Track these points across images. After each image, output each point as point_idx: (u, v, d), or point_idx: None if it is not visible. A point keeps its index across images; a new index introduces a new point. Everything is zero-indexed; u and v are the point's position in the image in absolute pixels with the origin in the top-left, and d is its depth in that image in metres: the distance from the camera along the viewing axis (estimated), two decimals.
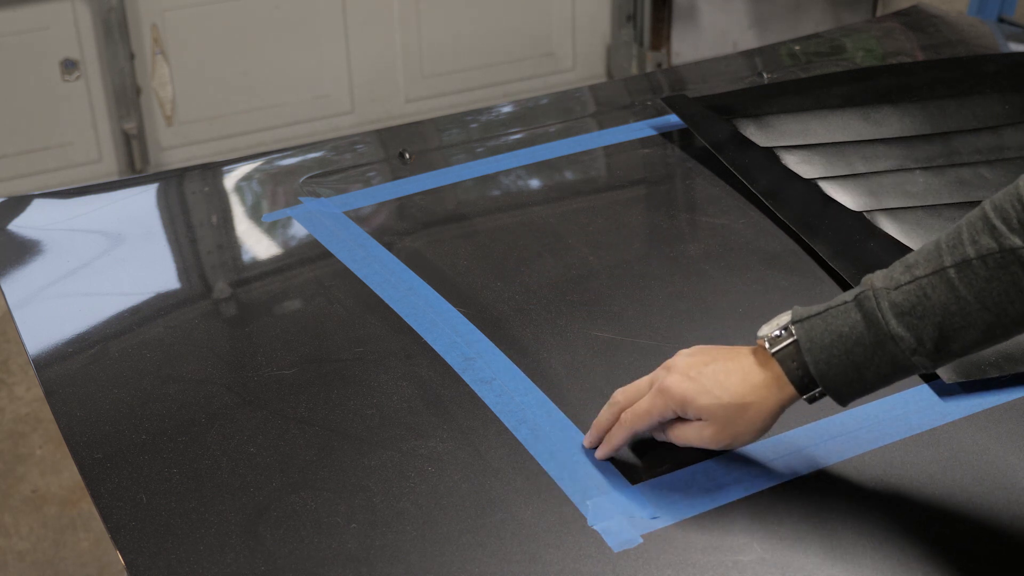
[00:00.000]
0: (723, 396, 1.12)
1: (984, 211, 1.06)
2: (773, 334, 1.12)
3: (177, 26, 3.81)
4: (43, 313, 1.51)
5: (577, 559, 1.08)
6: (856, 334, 1.08)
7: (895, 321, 1.07)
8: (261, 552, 1.10)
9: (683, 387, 1.13)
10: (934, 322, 1.06)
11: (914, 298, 1.06)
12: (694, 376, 1.13)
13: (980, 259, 1.04)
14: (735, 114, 1.79)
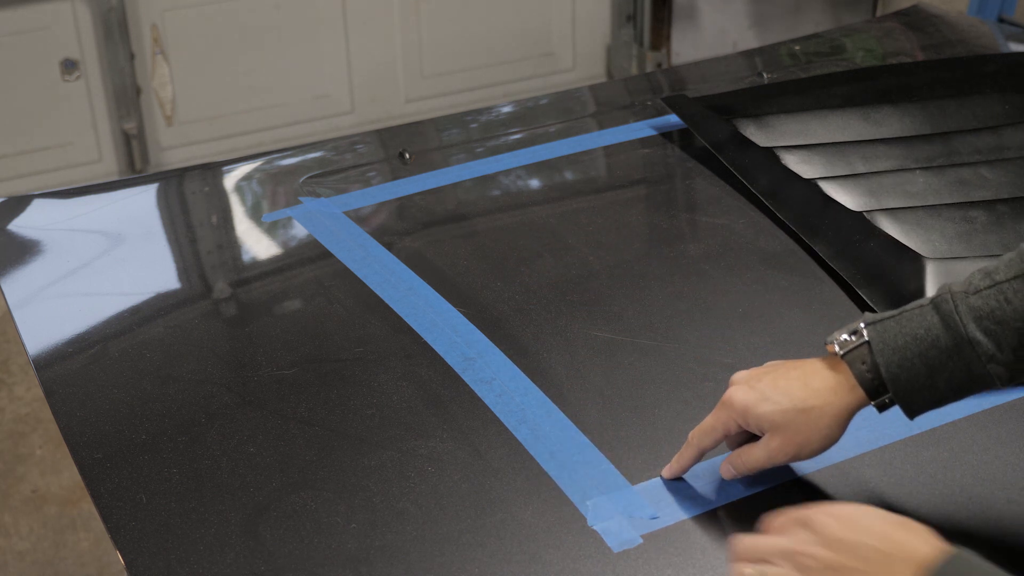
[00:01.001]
0: (783, 401, 1.07)
1: None
2: (842, 337, 1.08)
3: (177, 26, 3.80)
4: (43, 313, 1.51)
5: (577, 559, 1.08)
6: (931, 337, 1.04)
7: (973, 325, 1.03)
8: (261, 552, 1.10)
9: (743, 396, 1.09)
10: (1014, 328, 1.02)
11: (993, 303, 1.03)
12: (754, 385, 1.10)
13: None
14: (735, 114, 1.79)
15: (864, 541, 0.90)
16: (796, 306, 1.42)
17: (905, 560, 0.88)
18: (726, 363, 1.32)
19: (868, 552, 0.90)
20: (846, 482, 1.15)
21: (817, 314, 1.41)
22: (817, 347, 1.35)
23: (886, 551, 0.89)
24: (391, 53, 4.13)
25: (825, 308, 1.42)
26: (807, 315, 1.41)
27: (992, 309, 1.03)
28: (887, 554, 0.89)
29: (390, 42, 4.11)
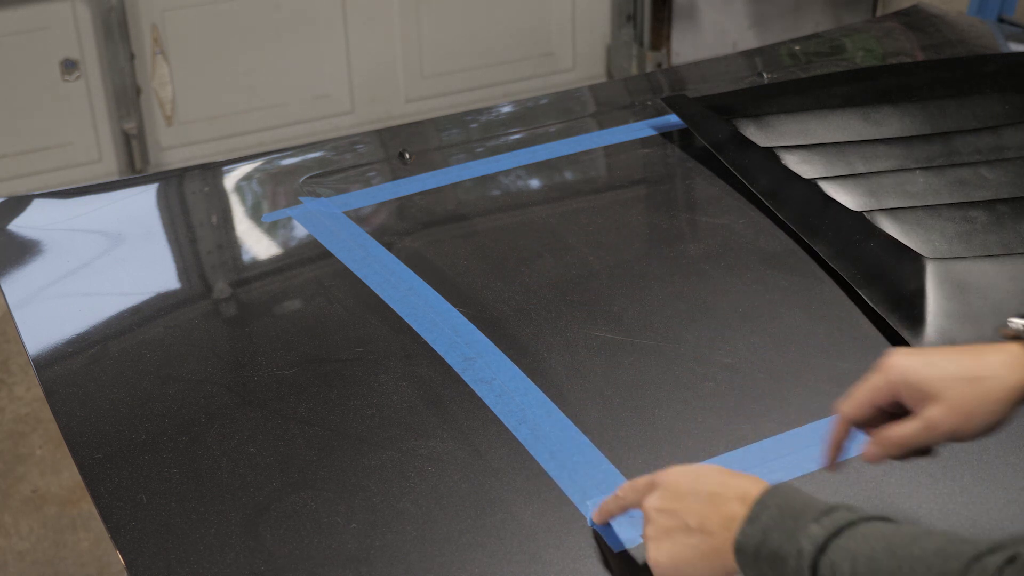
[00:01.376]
0: (949, 367, 0.96)
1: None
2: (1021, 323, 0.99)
3: (177, 26, 3.80)
4: (43, 313, 1.51)
5: (577, 559, 1.08)
6: None
7: None
8: (261, 552, 1.10)
9: (903, 359, 0.98)
10: None
11: None
12: (918, 351, 0.99)
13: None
14: (735, 114, 1.79)
15: (701, 488, 1.00)
16: (796, 306, 1.42)
17: (737, 498, 0.98)
18: (726, 363, 1.32)
19: (705, 495, 1.00)
20: (846, 482, 1.15)
21: (817, 314, 1.41)
22: (817, 347, 1.35)
23: (721, 492, 0.99)
24: (391, 53, 4.13)
25: (825, 308, 1.42)
26: (807, 315, 1.41)
27: None
28: (721, 495, 0.99)
29: (390, 42, 4.11)
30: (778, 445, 1.20)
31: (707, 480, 1.01)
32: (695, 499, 1.00)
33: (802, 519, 0.93)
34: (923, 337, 1.32)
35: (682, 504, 1.00)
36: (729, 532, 0.96)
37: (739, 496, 0.98)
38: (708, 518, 0.98)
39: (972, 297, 1.36)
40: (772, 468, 1.17)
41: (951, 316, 1.34)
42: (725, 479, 1.00)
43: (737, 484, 0.99)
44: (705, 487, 1.00)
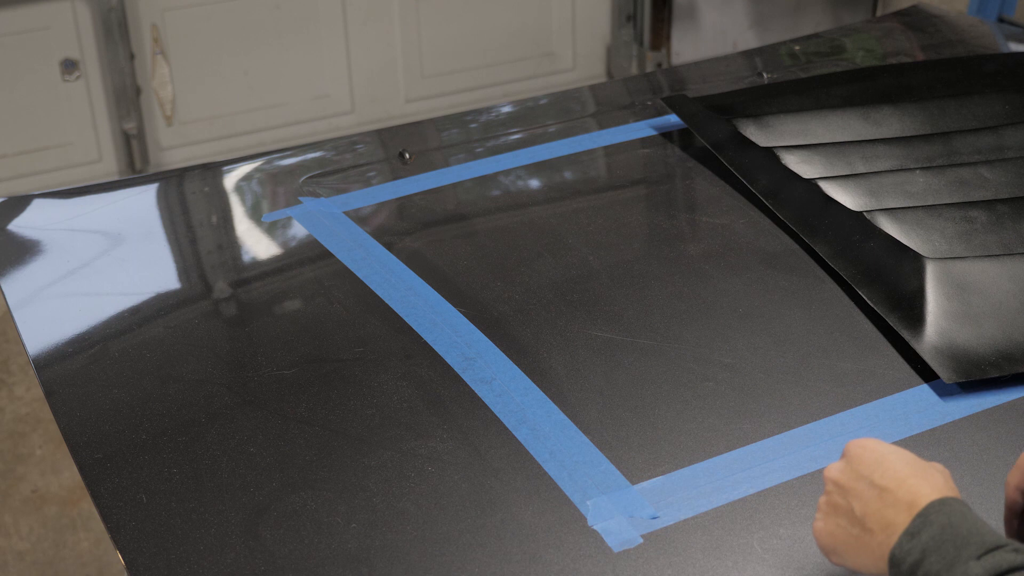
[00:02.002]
0: None
1: None
2: None
3: (177, 26, 3.80)
4: (43, 313, 1.51)
5: (577, 559, 1.08)
6: None
7: None
8: (261, 552, 1.10)
9: None
10: None
11: None
12: None
13: None
14: (735, 114, 1.79)
15: (878, 479, 0.98)
16: (796, 306, 1.42)
17: (905, 503, 0.95)
18: (726, 363, 1.32)
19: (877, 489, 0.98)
20: None
21: (817, 314, 1.41)
22: (817, 347, 1.35)
23: (892, 490, 0.97)
24: (391, 53, 4.13)
25: (825, 308, 1.42)
26: (807, 315, 1.41)
27: None
28: (891, 493, 0.97)
29: (390, 42, 4.11)
30: (778, 445, 1.20)
31: (886, 470, 0.98)
32: (868, 487, 0.98)
33: (964, 550, 0.91)
34: (923, 337, 1.32)
35: (856, 486, 0.99)
36: (888, 537, 0.95)
37: (908, 501, 0.95)
38: (872, 514, 0.97)
39: (972, 297, 1.36)
40: (772, 468, 1.17)
41: (951, 316, 1.34)
42: (903, 475, 0.97)
43: (912, 485, 0.96)
44: (881, 478, 0.98)
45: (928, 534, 0.93)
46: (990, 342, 1.31)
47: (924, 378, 1.29)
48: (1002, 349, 1.30)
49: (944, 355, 1.30)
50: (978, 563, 0.89)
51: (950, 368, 1.28)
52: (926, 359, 1.29)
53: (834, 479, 1.01)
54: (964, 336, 1.32)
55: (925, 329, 1.33)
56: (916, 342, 1.32)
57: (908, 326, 1.34)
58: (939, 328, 1.33)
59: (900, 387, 1.28)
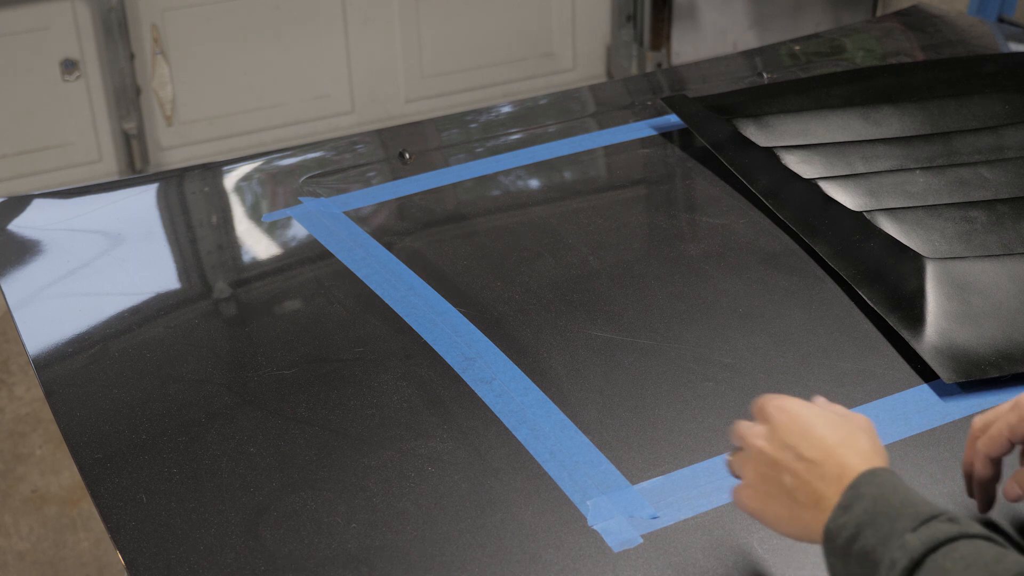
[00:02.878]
0: None
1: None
2: None
3: (177, 26, 3.80)
4: (43, 313, 1.51)
5: (577, 559, 1.08)
6: None
7: None
8: (261, 552, 1.10)
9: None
10: None
11: None
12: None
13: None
14: (735, 114, 1.79)
15: (806, 451, 0.97)
16: (796, 306, 1.42)
17: (835, 476, 0.95)
18: (726, 363, 1.32)
19: (805, 462, 0.97)
20: None
21: (817, 314, 1.41)
22: (817, 347, 1.35)
23: (820, 463, 0.96)
24: (391, 53, 4.13)
25: (825, 308, 1.42)
26: (807, 315, 1.41)
27: None
28: (819, 466, 0.96)
29: (390, 42, 4.11)
30: None
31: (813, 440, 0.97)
32: (796, 460, 0.97)
33: (899, 522, 0.91)
34: (923, 337, 1.32)
35: (783, 458, 0.98)
36: (820, 512, 0.94)
37: (837, 474, 0.95)
38: (802, 488, 0.96)
39: (972, 297, 1.36)
40: None
41: (951, 316, 1.34)
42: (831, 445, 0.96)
43: (840, 456, 0.95)
44: (809, 450, 0.97)
45: (861, 507, 0.92)
46: (990, 342, 1.31)
47: (924, 378, 1.29)
48: (1002, 349, 1.30)
49: (944, 355, 1.30)
50: (914, 535, 0.89)
51: (950, 368, 1.28)
52: (926, 359, 1.29)
53: (759, 448, 0.99)
54: (964, 336, 1.32)
55: (925, 329, 1.33)
56: (916, 342, 1.32)
57: (908, 326, 1.34)
58: (939, 328, 1.33)
59: (900, 387, 1.28)
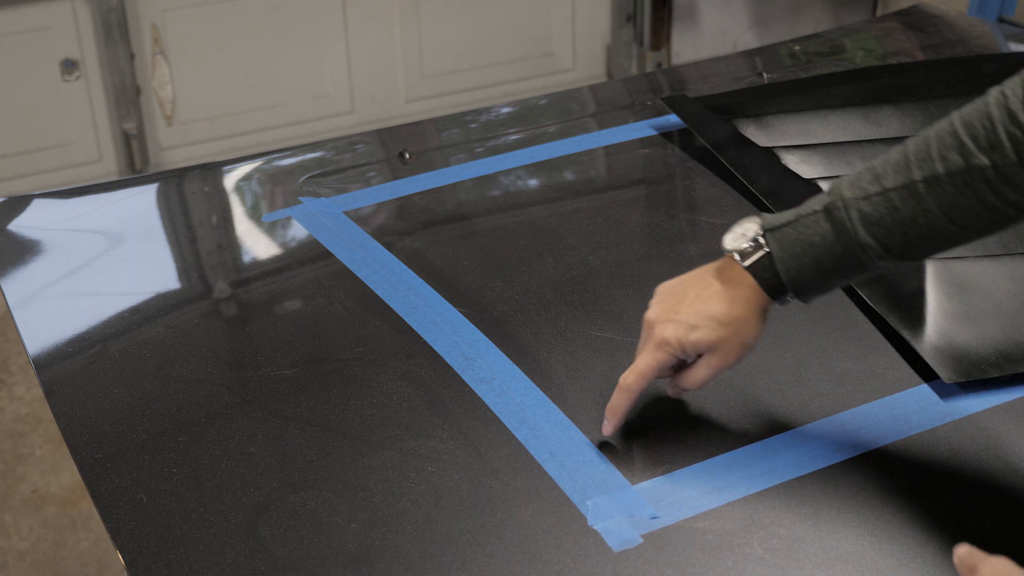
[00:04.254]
0: (712, 323, 1.15)
1: (953, 126, 1.07)
2: (743, 246, 1.15)
3: (177, 26, 3.81)
4: (43, 313, 1.51)
5: (577, 559, 1.08)
6: (827, 243, 1.11)
7: (864, 231, 1.10)
8: (261, 552, 1.10)
9: (673, 332, 1.15)
10: (901, 232, 1.09)
11: (883, 209, 1.09)
12: (676, 318, 1.16)
13: (948, 175, 1.06)
14: (735, 114, 1.79)
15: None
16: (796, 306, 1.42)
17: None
18: None
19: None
20: (846, 482, 1.15)
21: (817, 314, 1.41)
22: (817, 347, 1.35)
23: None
24: (391, 53, 4.13)
25: (825, 308, 1.42)
26: (807, 315, 1.41)
27: (881, 216, 1.09)
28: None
29: (390, 42, 4.11)
30: (778, 445, 1.20)
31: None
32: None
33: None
34: (923, 337, 1.32)
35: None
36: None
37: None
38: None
39: (972, 297, 1.36)
40: (772, 467, 1.17)
41: (951, 316, 1.34)
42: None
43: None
44: None
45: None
46: (990, 342, 1.31)
47: (924, 378, 1.29)
48: (1002, 349, 1.30)
49: (944, 355, 1.30)
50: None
51: (950, 368, 1.28)
52: (926, 359, 1.29)
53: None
54: (964, 336, 1.32)
55: (925, 329, 1.33)
56: (916, 342, 1.32)
57: (908, 326, 1.34)
58: (939, 328, 1.33)
59: (900, 387, 1.28)
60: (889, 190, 1.09)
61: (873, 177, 1.10)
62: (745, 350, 1.17)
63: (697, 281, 1.18)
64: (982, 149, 1.04)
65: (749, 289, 1.15)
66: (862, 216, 1.10)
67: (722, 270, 1.16)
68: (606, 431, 1.20)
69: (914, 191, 1.08)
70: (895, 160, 1.10)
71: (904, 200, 1.08)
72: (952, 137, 1.06)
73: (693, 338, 1.15)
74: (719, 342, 1.15)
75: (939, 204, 1.07)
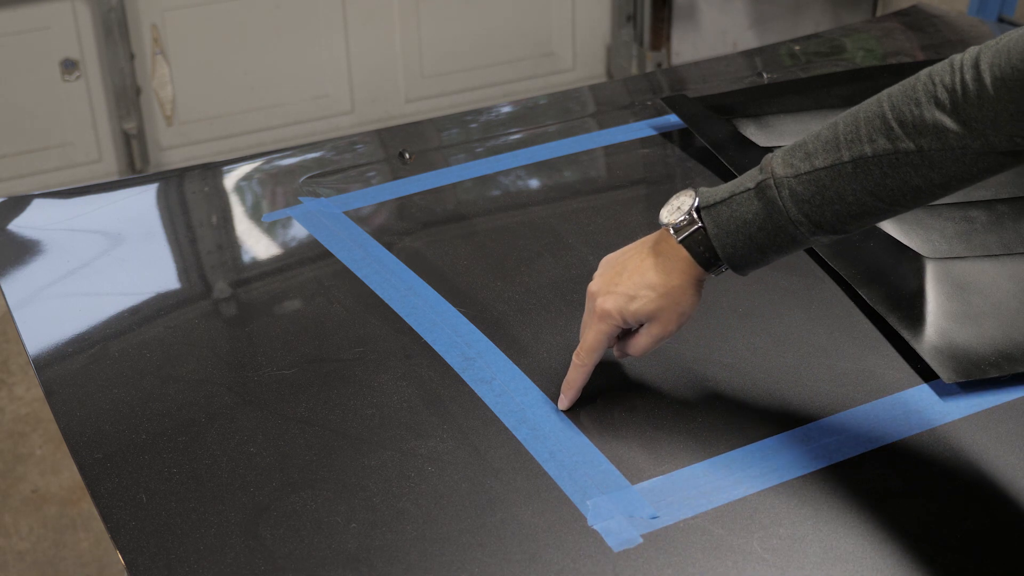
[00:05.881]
0: (651, 293, 1.19)
1: (883, 108, 1.10)
2: (678, 220, 1.19)
3: (177, 26, 3.81)
4: (43, 313, 1.51)
5: (577, 559, 1.08)
6: (759, 221, 1.15)
7: (795, 209, 1.13)
8: (261, 552, 1.10)
9: (613, 303, 1.20)
10: (831, 209, 1.12)
11: (813, 188, 1.12)
12: (616, 290, 1.21)
13: (876, 158, 1.09)
14: (735, 114, 1.79)
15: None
16: (796, 306, 1.42)
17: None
18: (726, 363, 1.32)
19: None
20: (846, 482, 1.15)
21: (817, 314, 1.41)
22: (817, 347, 1.35)
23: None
24: (391, 53, 4.13)
25: (825, 308, 1.42)
26: (807, 315, 1.41)
27: (812, 195, 1.12)
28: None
29: (390, 42, 4.11)
30: (778, 445, 1.20)
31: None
32: None
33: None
34: (923, 337, 1.32)
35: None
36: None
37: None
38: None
39: (972, 297, 1.36)
40: (772, 467, 1.17)
41: (951, 316, 1.34)
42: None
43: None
44: None
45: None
46: (990, 342, 1.31)
47: (924, 378, 1.29)
48: (1002, 349, 1.30)
49: (944, 355, 1.30)
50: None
51: (950, 368, 1.28)
52: (926, 359, 1.29)
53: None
54: (964, 336, 1.32)
55: (925, 329, 1.33)
56: (916, 342, 1.32)
57: (908, 326, 1.34)
58: (939, 328, 1.33)
59: (900, 387, 1.28)
60: (819, 169, 1.12)
61: (804, 155, 1.13)
62: (684, 319, 1.21)
63: (635, 253, 1.22)
64: (908, 134, 1.07)
65: (684, 261, 1.19)
66: (792, 195, 1.12)
67: (658, 243, 1.21)
68: (562, 405, 1.25)
69: (843, 171, 1.11)
70: (825, 138, 1.13)
71: (833, 179, 1.11)
72: (880, 120, 1.09)
73: (632, 308, 1.20)
74: (657, 312, 1.20)
75: (866, 184, 1.10)
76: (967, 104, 1.05)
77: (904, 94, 1.09)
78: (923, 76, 1.09)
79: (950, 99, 1.06)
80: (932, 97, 1.07)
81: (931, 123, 1.06)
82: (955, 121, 1.05)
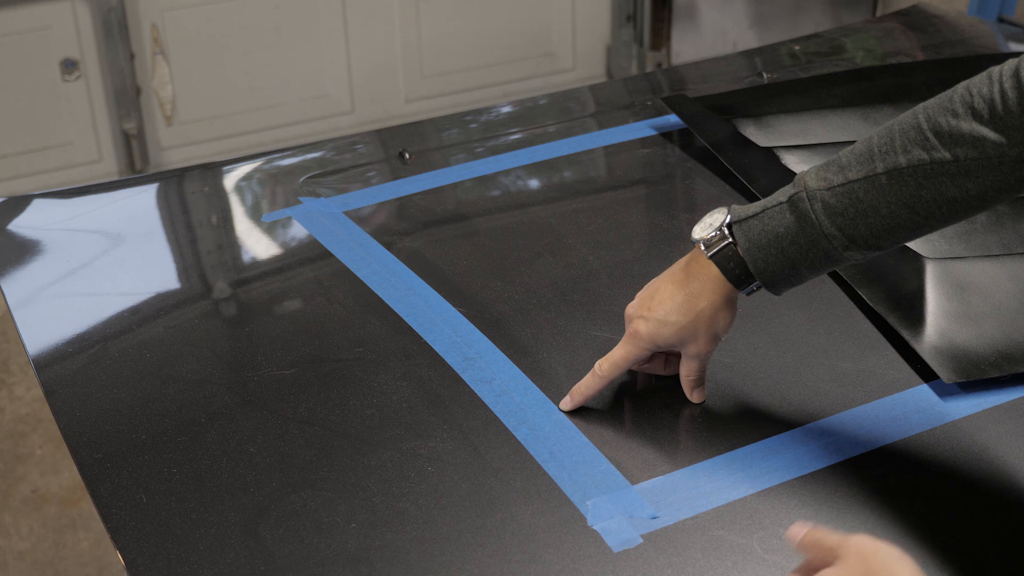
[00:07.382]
0: (680, 319, 1.19)
1: (918, 120, 1.09)
2: (709, 236, 1.18)
3: (177, 26, 3.80)
4: (43, 313, 1.51)
5: (577, 559, 1.08)
6: (791, 234, 1.14)
7: (828, 222, 1.12)
8: (261, 552, 1.10)
9: (645, 328, 1.21)
10: (865, 222, 1.11)
11: (846, 200, 1.11)
12: (649, 315, 1.21)
13: (911, 168, 1.08)
14: (735, 114, 1.79)
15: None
16: (796, 306, 1.42)
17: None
18: (726, 363, 1.32)
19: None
20: (846, 482, 1.15)
21: (817, 314, 1.41)
22: (817, 347, 1.35)
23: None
24: (391, 53, 4.13)
25: (825, 308, 1.42)
26: (807, 315, 1.41)
27: (845, 207, 1.11)
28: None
29: (390, 42, 4.11)
30: (778, 445, 1.20)
31: None
32: None
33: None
34: (923, 337, 1.32)
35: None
36: None
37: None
38: None
39: (972, 297, 1.36)
40: (772, 467, 1.17)
41: (951, 316, 1.34)
42: None
43: None
44: None
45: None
46: (990, 342, 1.31)
47: (924, 378, 1.29)
48: (1002, 349, 1.30)
49: (944, 355, 1.30)
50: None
51: (950, 368, 1.28)
52: (926, 359, 1.29)
53: None
54: (964, 336, 1.32)
55: (925, 329, 1.33)
56: (916, 342, 1.32)
57: (908, 326, 1.34)
58: (939, 328, 1.33)
59: (900, 387, 1.28)
60: (852, 181, 1.10)
61: (838, 168, 1.12)
62: (719, 339, 1.21)
63: (670, 277, 1.22)
64: (944, 144, 1.06)
65: (714, 280, 1.18)
66: (825, 207, 1.11)
67: (690, 263, 1.20)
68: (563, 406, 1.25)
69: (877, 182, 1.09)
70: (860, 151, 1.12)
71: (867, 191, 1.10)
72: (916, 131, 1.08)
73: (664, 334, 1.20)
74: (690, 337, 1.20)
75: (901, 195, 1.09)
76: (1007, 113, 1.03)
77: (940, 106, 1.08)
78: (960, 88, 1.08)
79: (988, 109, 1.04)
80: (969, 108, 1.06)
81: (968, 133, 1.05)
82: (993, 130, 1.04)
